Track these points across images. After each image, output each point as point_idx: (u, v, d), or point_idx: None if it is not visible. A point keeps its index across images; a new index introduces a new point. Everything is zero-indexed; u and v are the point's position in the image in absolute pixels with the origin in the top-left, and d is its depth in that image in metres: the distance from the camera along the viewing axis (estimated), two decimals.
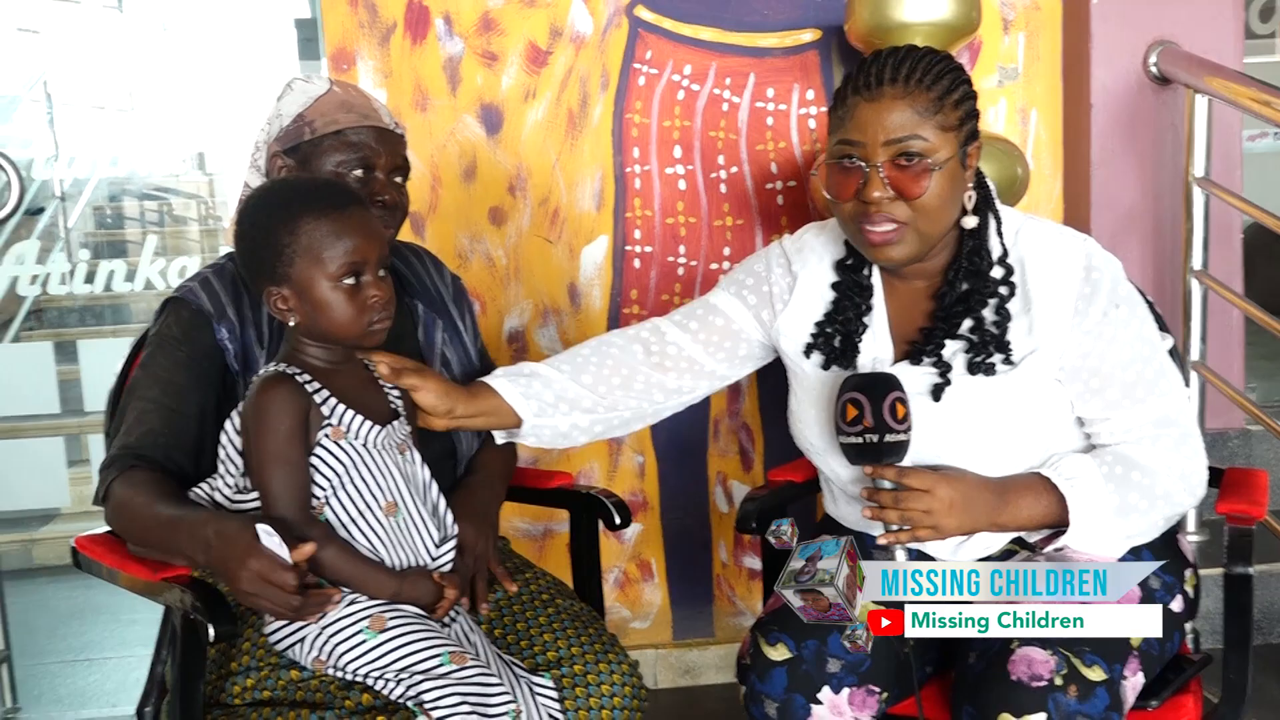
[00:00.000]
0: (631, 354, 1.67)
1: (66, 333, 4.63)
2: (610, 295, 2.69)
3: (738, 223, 2.68)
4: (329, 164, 1.62)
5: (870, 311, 1.59)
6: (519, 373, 1.64)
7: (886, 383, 1.43)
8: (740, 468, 2.78)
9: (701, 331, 1.69)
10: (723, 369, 1.71)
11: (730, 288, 1.71)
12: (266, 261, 1.41)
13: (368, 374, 1.51)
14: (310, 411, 1.40)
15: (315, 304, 1.41)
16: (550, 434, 1.65)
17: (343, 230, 1.40)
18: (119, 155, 3.13)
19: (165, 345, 1.59)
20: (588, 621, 1.63)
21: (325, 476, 1.40)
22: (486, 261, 2.66)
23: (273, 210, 1.42)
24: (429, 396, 1.53)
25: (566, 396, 1.64)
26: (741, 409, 2.76)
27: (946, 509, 1.44)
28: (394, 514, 1.43)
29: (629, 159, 2.66)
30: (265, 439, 1.37)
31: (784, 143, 2.66)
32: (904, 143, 1.45)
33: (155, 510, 1.45)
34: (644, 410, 1.69)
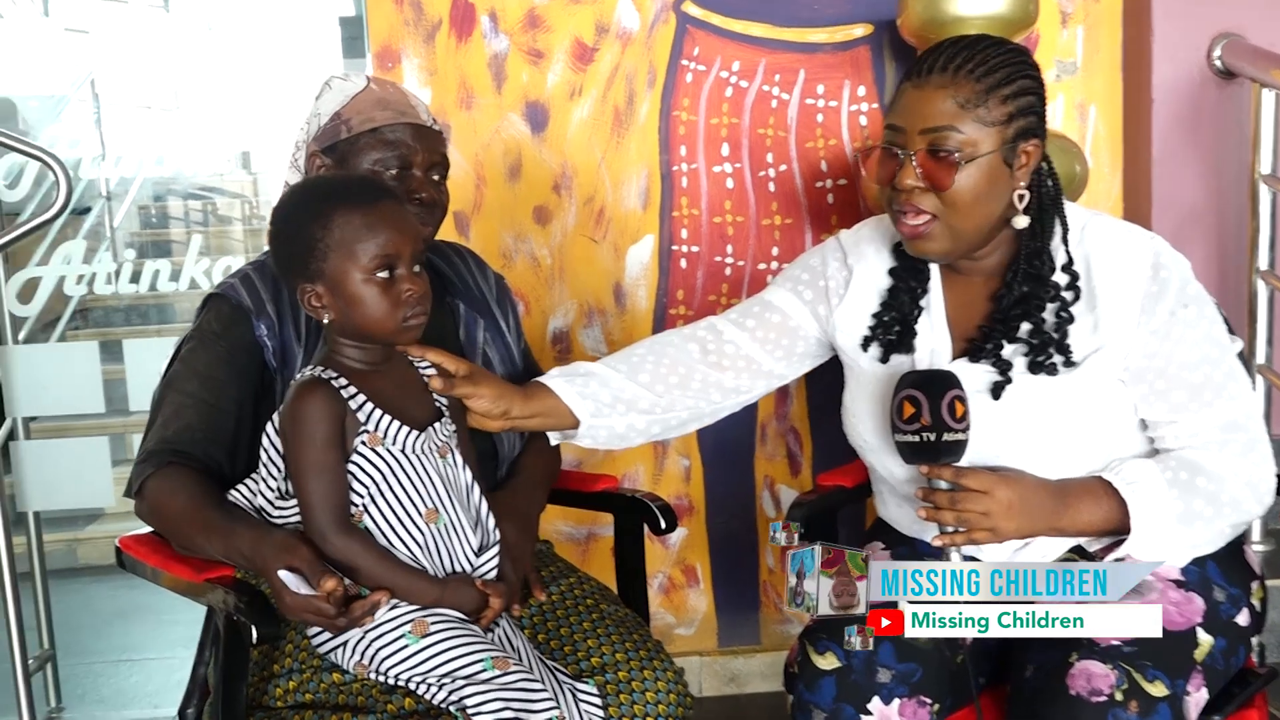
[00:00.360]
0: (688, 353, 1.67)
1: (112, 332, 4.70)
2: (656, 295, 2.68)
3: (786, 222, 2.67)
4: (366, 162, 1.63)
5: (927, 301, 1.58)
6: (575, 372, 1.64)
7: (945, 380, 1.41)
8: (788, 472, 2.77)
9: (759, 329, 1.68)
10: (780, 367, 1.70)
11: (786, 284, 1.70)
12: (300, 257, 1.42)
13: (410, 372, 1.51)
14: (346, 418, 1.40)
15: (348, 299, 1.41)
16: (606, 435, 1.65)
17: (375, 223, 1.40)
18: (164, 155, 3.16)
19: (204, 340, 1.61)
20: (632, 627, 1.63)
21: (363, 484, 1.40)
22: (531, 261, 2.66)
23: (305, 206, 1.43)
24: (483, 403, 1.52)
25: (623, 396, 1.64)
26: (790, 412, 2.75)
27: (1004, 511, 1.42)
28: (435, 521, 1.43)
29: (676, 157, 2.65)
30: (302, 447, 1.38)
31: (834, 140, 2.64)
32: (939, 133, 1.44)
33: (194, 514, 1.47)
34: (701, 410, 1.69)
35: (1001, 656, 1.54)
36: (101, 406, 2.77)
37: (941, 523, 1.42)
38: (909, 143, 1.46)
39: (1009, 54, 1.48)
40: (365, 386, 1.43)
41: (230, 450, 1.56)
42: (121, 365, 2.75)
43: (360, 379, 1.44)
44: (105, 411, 2.83)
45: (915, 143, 1.46)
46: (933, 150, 1.44)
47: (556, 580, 1.71)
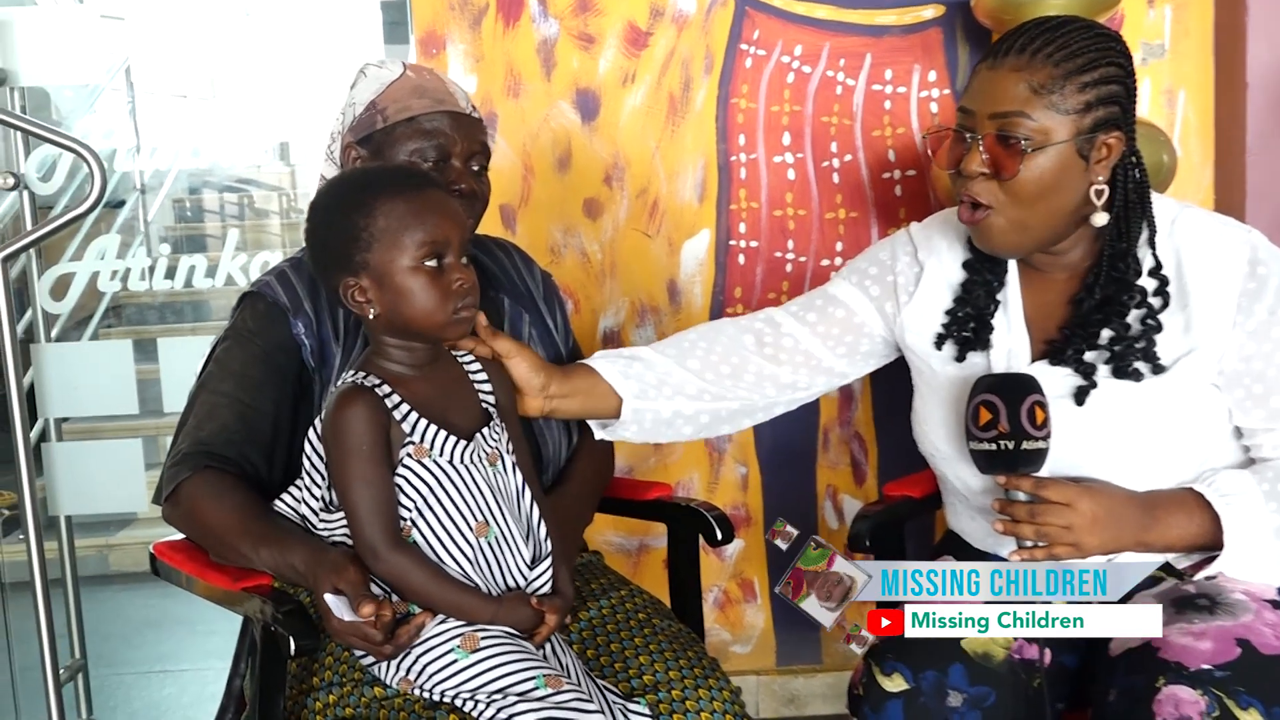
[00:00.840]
0: (742, 343, 1.67)
1: (146, 330, 4.78)
2: (712, 293, 2.68)
3: (851, 215, 2.65)
4: (402, 153, 1.64)
5: (1004, 297, 1.56)
6: (618, 355, 1.66)
7: (1024, 384, 1.40)
8: (852, 481, 2.75)
9: (820, 324, 1.68)
10: (841, 365, 1.69)
11: (852, 277, 1.69)
12: (341, 250, 1.42)
13: (457, 373, 1.51)
14: (391, 428, 1.40)
15: (396, 291, 1.41)
16: (652, 420, 1.65)
17: (422, 210, 1.41)
18: (200, 146, 3.20)
19: (239, 339, 1.63)
20: (686, 644, 1.62)
21: (409, 498, 1.41)
22: (580, 257, 2.67)
23: (346, 197, 1.44)
24: (522, 365, 1.55)
25: (670, 380, 1.64)
26: (854, 417, 2.73)
27: (1088, 525, 1.40)
28: (485, 534, 1.43)
29: (734, 147, 2.64)
30: (346, 458, 1.38)
31: (902, 128, 2.63)
32: (1008, 118, 1.43)
33: (240, 523, 1.49)
34: (754, 403, 1.68)
35: (1081, 680, 1.52)
36: (135, 407, 2.81)
37: (1020, 537, 1.41)
38: (978, 126, 1.45)
39: (1095, 39, 1.45)
40: (409, 393, 1.43)
41: (268, 453, 1.58)
42: (155, 365, 2.79)
43: (404, 385, 1.44)
44: (139, 413, 2.87)
45: (984, 127, 1.44)
46: (1000, 136, 1.43)
47: (607, 593, 1.71)
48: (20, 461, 2.55)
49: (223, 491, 1.52)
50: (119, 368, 2.78)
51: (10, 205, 3.12)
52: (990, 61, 1.46)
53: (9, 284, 2.57)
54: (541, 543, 1.50)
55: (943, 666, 1.46)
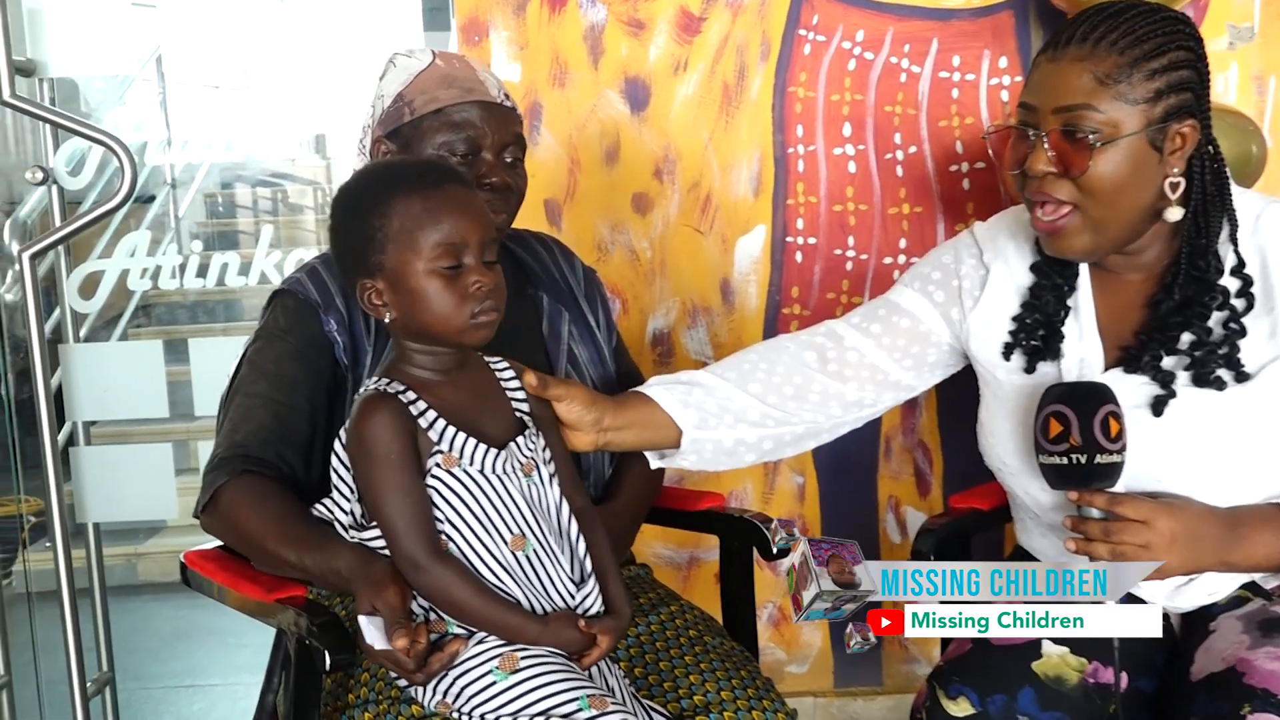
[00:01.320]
0: (805, 361, 1.66)
1: (176, 330, 4.84)
2: (768, 293, 2.68)
3: (916, 210, 2.64)
4: (431, 146, 1.66)
5: (1075, 302, 1.55)
6: (675, 381, 1.64)
7: (1097, 394, 1.38)
8: (915, 492, 2.73)
9: (885, 335, 1.67)
10: (909, 378, 1.68)
11: (915, 283, 1.68)
12: (358, 251, 1.43)
13: (487, 379, 1.51)
14: (418, 436, 1.40)
15: (410, 294, 1.41)
16: (713, 450, 1.64)
17: (438, 209, 1.41)
18: (233, 138, 3.23)
19: (271, 338, 1.65)
20: (740, 663, 1.62)
21: (439, 509, 1.40)
22: (629, 254, 2.67)
23: (363, 195, 1.45)
24: (575, 408, 1.53)
25: (731, 407, 1.63)
26: (918, 424, 2.71)
27: (1166, 544, 1.39)
28: (521, 547, 1.43)
29: (791, 138, 2.64)
30: (375, 468, 1.38)
31: (971, 119, 2.61)
32: (1074, 112, 1.41)
33: (281, 527, 1.50)
34: (819, 425, 1.68)
35: (1160, 706, 1.51)
36: (165, 410, 2.85)
37: (1093, 556, 1.40)
38: (1041, 122, 1.44)
39: (1161, 22, 1.44)
40: (436, 400, 1.43)
41: (305, 451, 1.60)
42: (186, 366, 2.82)
43: (430, 391, 1.44)
44: (169, 416, 2.90)
45: (1048, 122, 1.43)
46: (1067, 131, 1.42)
47: (655, 609, 1.72)
48: (48, 466, 2.59)
49: (262, 496, 1.54)
50: (149, 369, 2.81)
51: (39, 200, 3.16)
52: (1050, 53, 1.45)
53: (37, 282, 2.62)
54: (583, 562, 1.49)
55: (1012, 690, 1.45)
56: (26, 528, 3.32)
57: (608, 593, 1.49)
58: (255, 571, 1.57)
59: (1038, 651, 1.52)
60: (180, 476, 2.90)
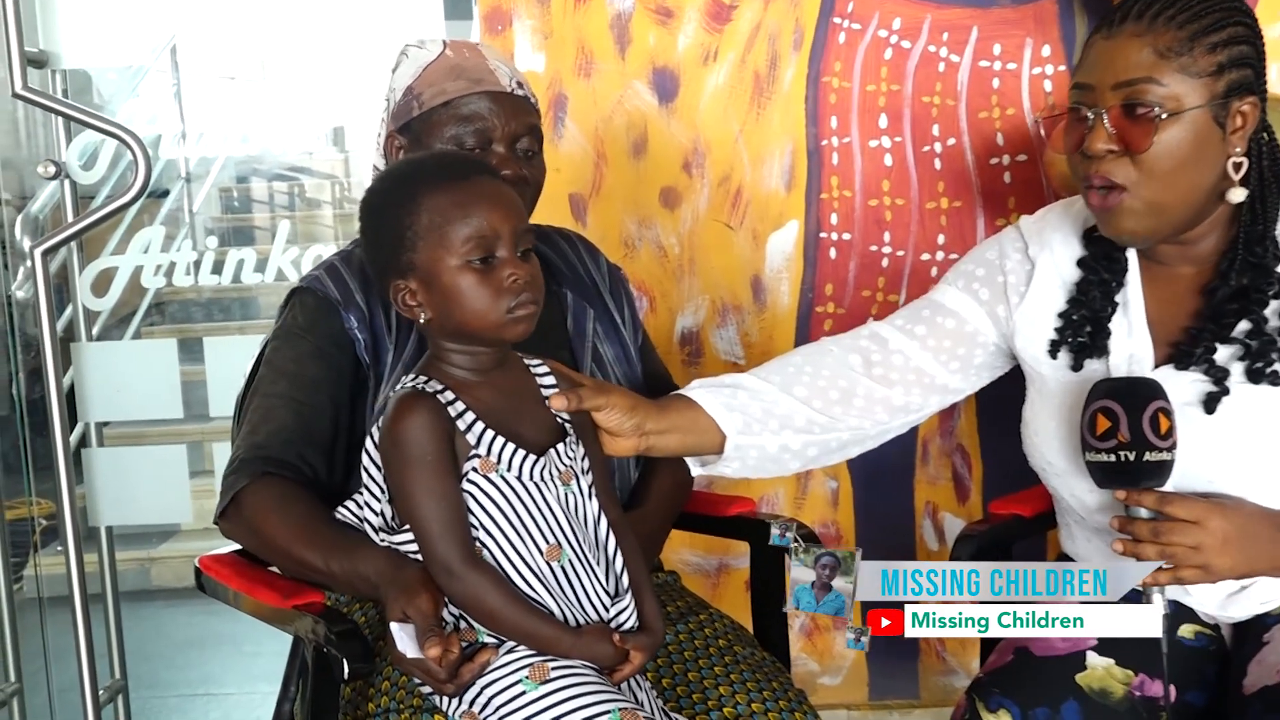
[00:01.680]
0: (849, 365, 1.66)
1: (191, 329, 4.87)
2: (800, 290, 2.67)
3: (955, 205, 2.63)
4: (440, 140, 1.67)
5: (1124, 297, 1.54)
6: (719, 384, 1.64)
7: (1147, 389, 1.38)
8: (954, 497, 2.73)
9: (930, 337, 1.66)
10: (956, 381, 1.68)
11: (958, 281, 1.68)
12: (389, 251, 1.44)
13: (526, 381, 1.51)
14: (455, 437, 1.40)
15: (444, 292, 1.42)
16: (757, 458, 1.64)
17: (467, 201, 1.41)
18: (249, 131, 3.25)
19: (290, 337, 1.66)
20: (771, 674, 1.62)
21: (474, 515, 1.40)
22: (656, 250, 2.68)
23: (390, 193, 1.45)
24: (615, 415, 1.52)
25: (776, 412, 1.63)
26: (956, 427, 2.71)
27: (1219, 546, 1.38)
28: (557, 558, 1.42)
29: (825, 130, 2.64)
30: (409, 470, 1.38)
31: (1013, 109, 2.60)
32: (1135, 86, 1.41)
33: (305, 531, 1.51)
34: (864, 431, 1.68)
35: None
36: (179, 411, 2.87)
37: (1141, 558, 1.39)
38: (1100, 100, 1.43)
39: None
40: (475, 401, 1.43)
41: (328, 452, 1.61)
42: (201, 365, 2.84)
43: (468, 392, 1.44)
44: (183, 417, 2.92)
45: (1107, 99, 1.43)
46: (1128, 106, 1.42)
47: (684, 617, 1.72)
48: (59, 468, 2.61)
49: (285, 499, 1.55)
50: (163, 369, 2.83)
51: (51, 195, 3.18)
52: (1105, 32, 1.45)
53: (49, 279, 2.64)
54: (618, 576, 1.48)
55: (1055, 703, 1.45)
56: (38, 531, 3.34)
57: (642, 609, 1.49)
58: (272, 576, 1.58)
59: (1082, 663, 1.51)
60: (195, 479, 2.91)
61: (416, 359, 1.64)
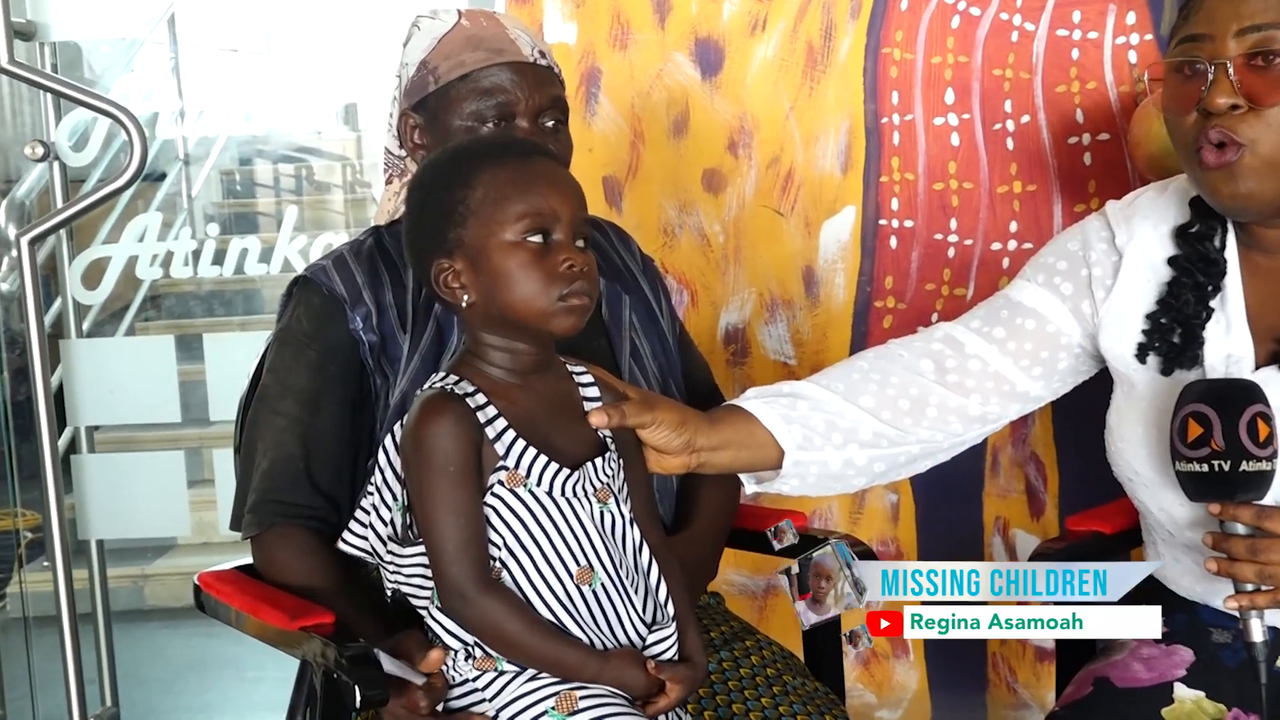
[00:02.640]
0: (920, 371, 1.65)
1: (189, 324, 4.91)
2: (857, 283, 2.67)
3: (1029, 189, 2.62)
4: (459, 117, 1.68)
5: (1220, 294, 1.53)
6: (776, 393, 1.64)
7: (1244, 392, 1.37)
8: (1027, 512, 2.72)
9: (1010, 339, 1.66)
10: (1038, 388, 1.68)
11: (1038, 276, 1.67)
12: (434, 228, 1.45)
13: (567, 389, 1.51)
14: (483, 446, 1.41)
15: (492, 272, 1.42)
16: (818, 475, 1.64)
17: (526, 179, 1.43)
18: (253, 109, 3.27)
19: (295, 345, 1.69)
20: (824, 706, 1.62)
21: (498, 533, 1.40)
22: (699, 239, 2.68)
23: (447, 169, 1.47)
24: (662, 432, 1.52)
25: (840, 424, 1.62)
26: (1030, 434, 2.69)
27: None
28: (588, 582, 1.42)
29: (886, 106, 2.63)
30: (431, 481, 1.39)
31: (1094, 83, 2.59)
32: (1264, 32, 1.40)
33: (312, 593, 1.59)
34: (936, 444, 1.67)
35: None
36: (177, 415, 2.89)
37: (1238, 579, 1.38)
38: (1220, 50, 1.42)
39: None
40: (508, 406, 1.43)
41: (334, 472, 1.65)
42: (200, 364, 2.86)
43: (503, 395, 1.44)
44: (181, 421, 2.94)
45: (1228, 49, 1.42)
46: (1256, 55, 1.41)
47: (729, 644, 1.72)
48: (46, 476, 2.64)
49: (298, 554, 1.63)
50: (159, 368, 2.85)
51: (39, 178, 3.21)
52: None
53: (36, 270, 2.66)
54: (661, 606, 1.48)
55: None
56: (23, 545, 3.38)
57: (684, 640, 1.48)
58: (278, 594, 1.59)
59: (1169, 696, 1.51)
60: (193, 489, 2.94)
61: (434, 353, 1.65)
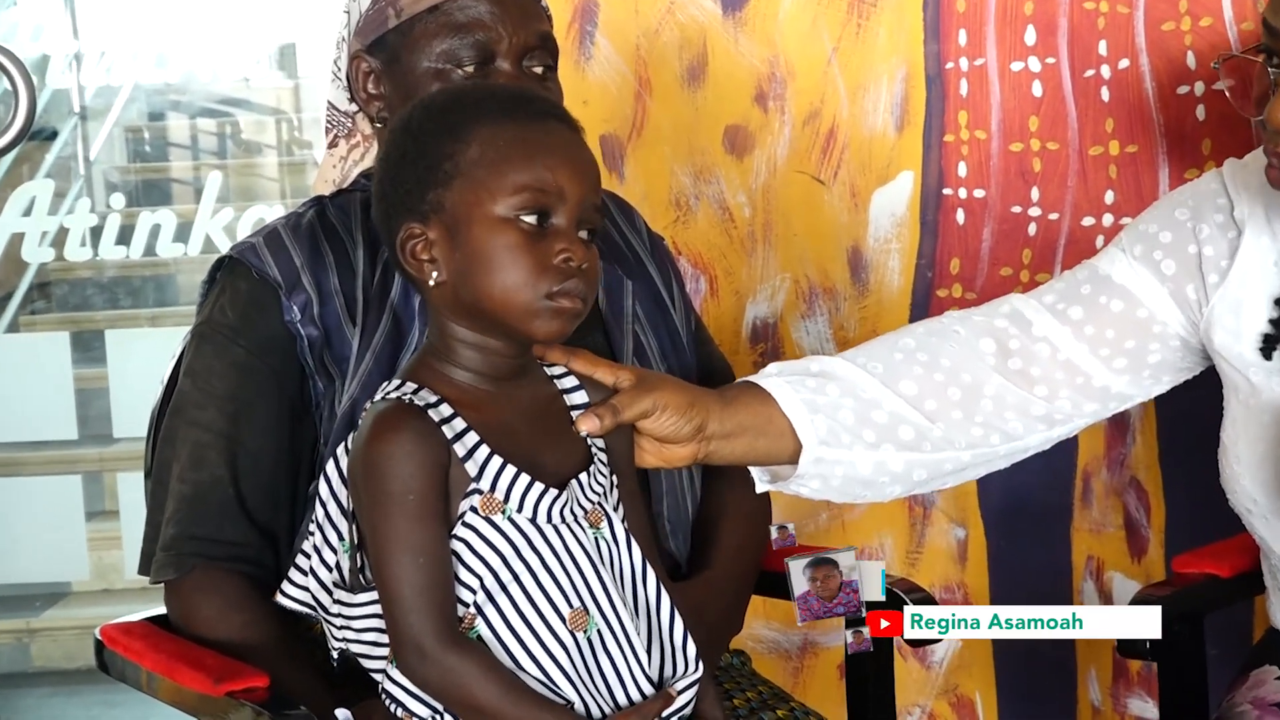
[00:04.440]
0: (978, 353, 1.66)
1: (89, 318, 4.90)
2: (915, 268, 2.67)
3: (1128, 150, 2.63)
4: (428, 58, 1.70)
5: None
6: (804, 370, 1.65)
7: None
8: (1125, 550, 2.72)
9: (1089, 321, 1.67)
10: (1121, 384, 1.68)
11: (1134, 248, 1.68)
12: (411, 184, 1.45)
13: (549, 393, 1.52)
14: (450, 467, 1.41)
15: (471, 250, 1.43)
16: (843, 478, 1.65)
17: (535, 142, 1.44)
18: (165, 51, 3.29)
19: (217, 340, 1.70)
20: None
21: (473, 572, 1.41)
22: (719, 212, 2.68)
23: (437, 113, 1.48)
24: (669, 419, 1.53)
25: (875, 417, 1.63)
26: (1129, 455, 2.70)
27: None
28: (583, 627, 1.43)
29: (951, 49, 2.64)
30: (385, 513, 1.39)
31: (1208, 19, 2.59)
32: None
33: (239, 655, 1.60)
34: (993, 449, 1.68)
35: None
36: (73, 430, 2.89)
37: None
38: None
39: None
40: (480, 418, 1.44)
41: (269, 499, 1.66)
42: (102, 367, 2.87)
43: (473, 406, 1.45)
44: (78, 438, 2.95)
45: None
46: None
47: (757, 713, 1.73)
48: None
49: (225, 607, 1.64)
50: (50, 371, 2.86)
51: None
52: None
53: None
54: (679, 650, 1.49)
55: None
56: None
57: (699, 705, 1.50)
58: (199, 652, 1.60)
59: None
60: (92, 522, 2.95)
61: (390, 351, 1.66)
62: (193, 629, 1.64)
